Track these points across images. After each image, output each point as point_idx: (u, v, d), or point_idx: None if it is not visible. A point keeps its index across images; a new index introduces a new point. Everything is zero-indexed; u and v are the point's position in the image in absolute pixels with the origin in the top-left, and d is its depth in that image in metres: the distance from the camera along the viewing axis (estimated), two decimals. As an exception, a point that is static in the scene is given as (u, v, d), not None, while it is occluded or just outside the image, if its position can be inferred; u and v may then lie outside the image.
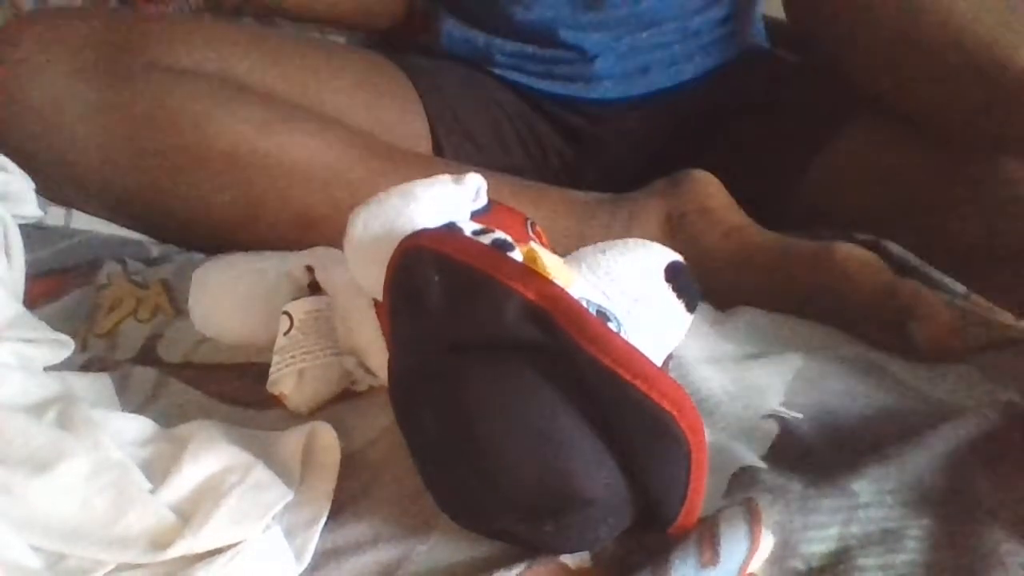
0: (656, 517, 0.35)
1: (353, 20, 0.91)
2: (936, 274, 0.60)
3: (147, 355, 0.54)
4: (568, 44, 0.78)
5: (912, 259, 0.61)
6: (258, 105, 0.66)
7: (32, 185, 0.64)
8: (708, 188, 0.63)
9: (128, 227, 0.69)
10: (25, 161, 0.63)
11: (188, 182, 0.65)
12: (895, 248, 0.62)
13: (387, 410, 0.46)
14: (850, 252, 0.56)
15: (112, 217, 0.69)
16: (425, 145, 0.76)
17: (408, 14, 0.92)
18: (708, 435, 0.44)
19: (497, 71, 0.81)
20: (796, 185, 0.72)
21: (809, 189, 0.71)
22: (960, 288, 0.59)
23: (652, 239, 0.60)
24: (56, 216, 0.67)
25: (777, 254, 0.58)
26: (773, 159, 0.74)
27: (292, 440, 0.43)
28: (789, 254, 0.58)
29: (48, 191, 0.66)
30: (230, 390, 0.49)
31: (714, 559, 0.34)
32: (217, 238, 0.66)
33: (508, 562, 0.36)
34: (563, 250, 0.60)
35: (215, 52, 0.68)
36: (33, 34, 0.64)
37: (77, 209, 0.68)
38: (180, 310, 0.59)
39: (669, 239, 0.61)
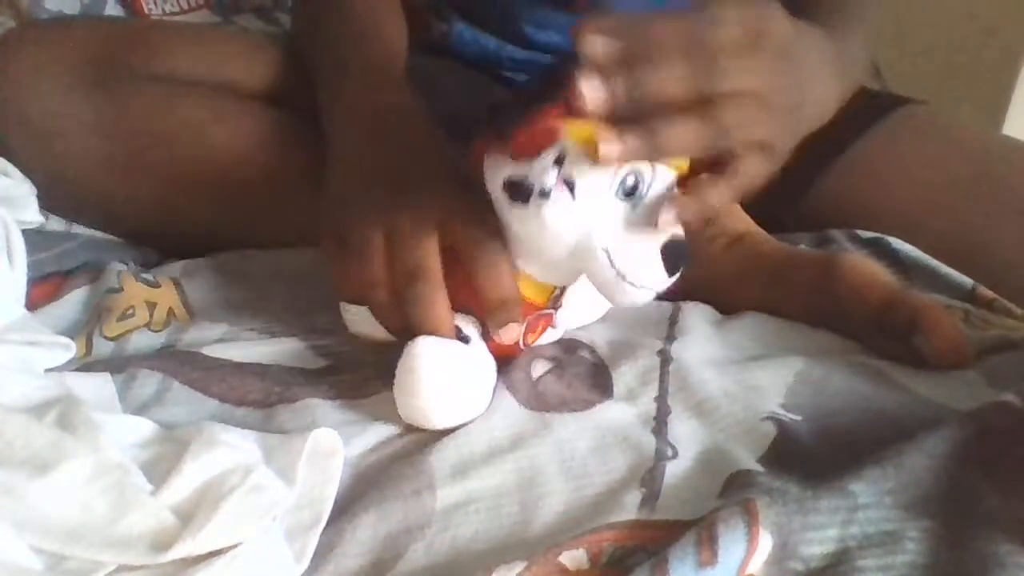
0: None
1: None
2: (943, 269, 0.60)
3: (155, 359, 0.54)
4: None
5: (917, 255, 0.61)
6: (257, 117, 0.67)
7: (34, 190, 0.64)
8: None
9: (126, 238, 0.70)
10: (24, 174, 0.63)
11: (187, 195, 0.65)
12: (900, 244, 0.62)
13: (388, 417, 0.47)
14: (854, 263, 0.56)
15: (110, 229, 0.69)
16: None
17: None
18: (706, 437, 0.45)
19: (505, 74, 0.81)
20: (802, 196, 0.72)
21: (818, 196, 0.71)
22: (967, 282, 0.59)
23: None
24: (57, 220, 0.67)
25: (781, 263, 0.58)
26: (781, 170, 0.74)
27: (294, 443, 0.43)
28: (793, 264, 0.58)
29: (47, 204, 0.66)
30: (233, 392, 0.49)
31: (712, 559, 0.34)
32: (215, 245, 0.67)
33: (507, 561, 0.36)
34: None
35: (214, 61, 0.69)
36: (30, 47, 0.64)
37: (76, 222, 0.68)
38: (194, 312, 0.59)
39: None
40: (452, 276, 0.47)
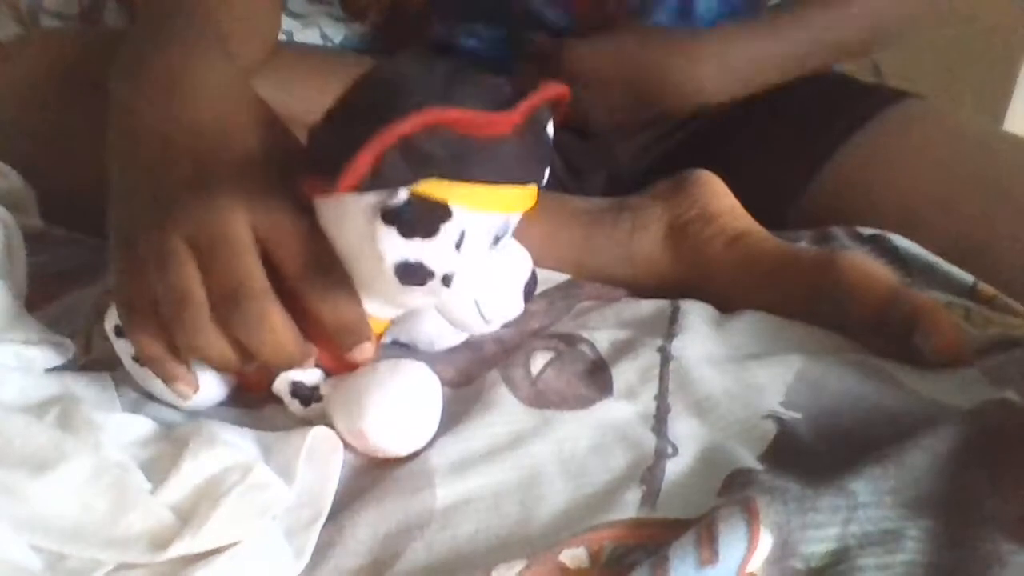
0: None
1: None
2: (943, 266, 0.60)
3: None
4: None
5: (918, 252, 0.61)
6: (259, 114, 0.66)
7: (33, 194, 0.64)
8: (711, 189, 0.63)
9: None
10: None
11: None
12: (900, 241, 0.62)
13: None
14: (854, 261, 0.56)
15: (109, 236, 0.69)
16: None
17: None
18: (706, 435, 0.45)
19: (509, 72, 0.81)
20: (802, 191, 0.72)
21: (819, 190, 0.71)
22: (968, 278, 0.59)
23: (655, 249, 0.61)
24: (58, 221, 0.67)
25: (781, 262, 0.58)
26: (781, 165, 0.74)
27: (293, 440, 0.43)
28: (793, 262, 0.58)
29: (46, 212, 0.66)
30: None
31: (712, 558, 0.34)
32: None
33: (507, 560, 0.36)
34: (566, 262, 0.61)
35: None
36: (29, 54, 0.64)
37: (77, 231, 0.68)
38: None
39: (673, 248, 0.61)
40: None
